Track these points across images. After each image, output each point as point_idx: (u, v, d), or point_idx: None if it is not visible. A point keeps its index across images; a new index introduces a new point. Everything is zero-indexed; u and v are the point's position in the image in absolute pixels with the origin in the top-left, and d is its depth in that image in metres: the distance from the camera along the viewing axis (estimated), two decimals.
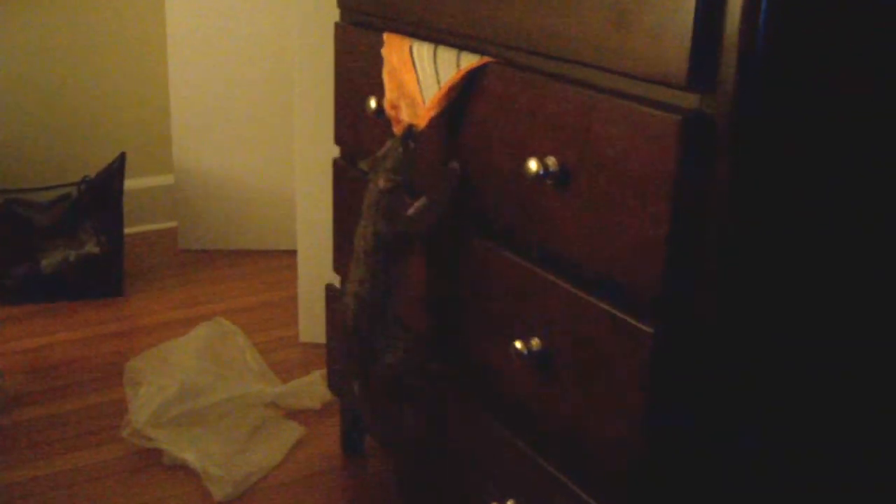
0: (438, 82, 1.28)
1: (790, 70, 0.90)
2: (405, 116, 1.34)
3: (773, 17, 0.86)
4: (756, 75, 0.88)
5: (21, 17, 2.72)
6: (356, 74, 1.51)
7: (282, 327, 2.33)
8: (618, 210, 0.99)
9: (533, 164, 1.07)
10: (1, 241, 2.47)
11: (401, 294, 1.35)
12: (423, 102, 1.31)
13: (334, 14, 1.61)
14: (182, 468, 1.76)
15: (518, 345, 1.15)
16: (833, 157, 0.97)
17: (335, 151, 1.67)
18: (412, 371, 1.40)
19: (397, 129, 1.35)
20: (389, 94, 1.38)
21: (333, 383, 1.80)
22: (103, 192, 2.55)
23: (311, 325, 2.22)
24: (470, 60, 1.22)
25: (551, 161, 1.07)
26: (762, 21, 0.86)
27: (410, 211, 1.30)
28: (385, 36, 1.40)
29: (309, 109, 2.08)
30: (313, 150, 2.08)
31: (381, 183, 1.27)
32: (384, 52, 1.39)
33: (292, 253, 2.43)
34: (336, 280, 1.73)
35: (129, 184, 2.72)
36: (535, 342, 1.14)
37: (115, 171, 2.58)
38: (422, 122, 1.29)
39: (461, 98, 1.25)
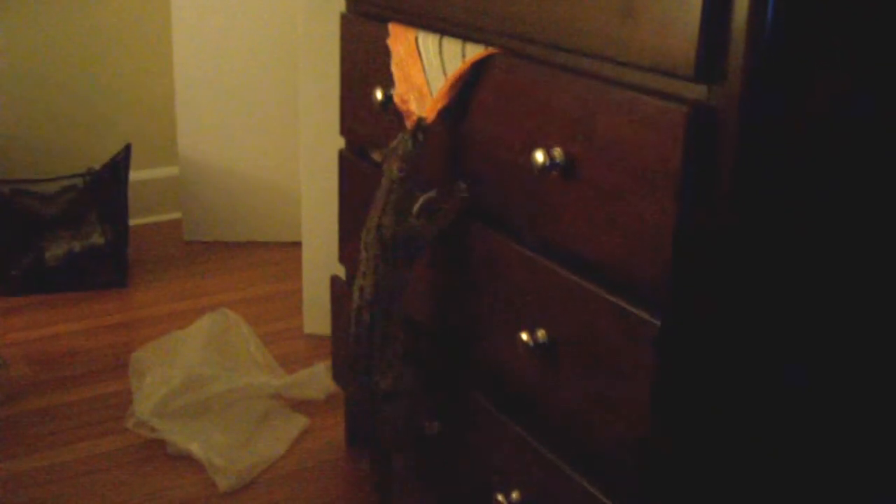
0: (444, 73, 1.28)
1: (798, 62, 0.90)
2: (414, 109, 1.34)
3: (781, 7, 0.86)
4: (764, 67, 0.87)
5: (27, 9, 2.72)
6: (362, 66, 1.51)
7: (286, 318, 2.34)
8: (624, 201, 0.99)
9: (539, 156, 1.07)
10: (6, 231, 2.48)
11: (403, 300, 1.35)
12: (431, 94, 1.30)
13: (340, 5, 1.61)
14: (186, 459, 1.76)
15: (524, 336, 1.14)
16: (841, 151, 0.96)
17: (341, 143, 1.67)
18: (399, 416, 1.39)
19: (409, 123, 1.35)
20: (399, 88, 1.38)
21: (338, 375, 1.80)
22: (108, 184, 2.55)
23: (316, 316, 2.22)
24: (475, 51, 1.22)
25: (557, 152, 1.07)
26: (770, 12, 0.85)
27: (416, 214, 1.30)
28: (390, 27, 1.39)
29: (314, 101, 2.07)
30: (319, 142, 2.08)
31: (395, 172, 1.28)
32: (390, 42, 1.39)
33: (297, 245, 2.43)
34: (341, 271, 1.73)
35: (135, 175, 2.72)
36: (541, 333, 1.14)
37: (121, 162, 2.58)
38: (430, 114, 1.29)
39: (467, 89, 1.25)
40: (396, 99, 1.38)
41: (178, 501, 1.67)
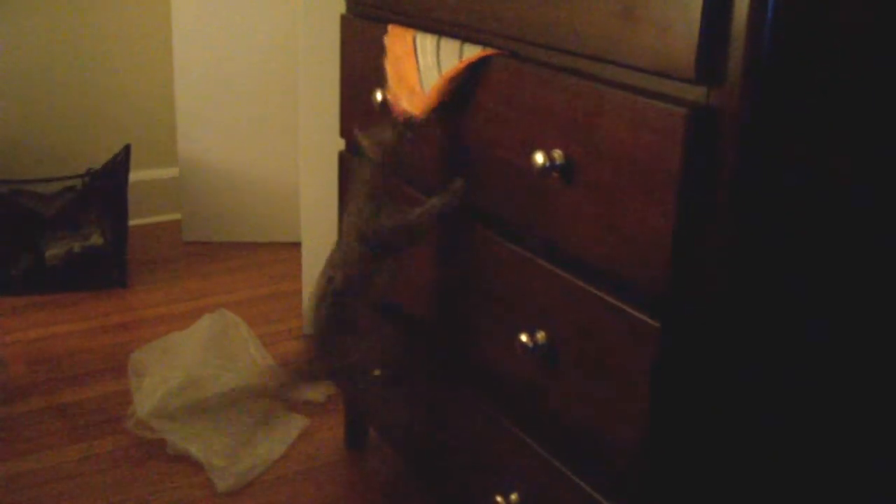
0: (440, 73, 1.28)
1: (798, 63, 0.90)
2: (405, 105, 1.34)
3: (781, 9, 0.86)
4: (764, 68, 0.87)
5: (27, 10, 2.72)
6: (362, 67, 1.51)
7: (286, 319, 2.34)
8: (624, 203, 0.99)
9: (539, 157, 1.07)
10: (6, 232, 2.48)
11: (378, 290, 1.34)
12: (423, 92, 1.30)
13: (340, 6, 1.61)
14: (185, 459, 1.76)
15: (523, 338, 1.14)
16: (841, 151, 0.96)
17: (340, 144, 1.67)
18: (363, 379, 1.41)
19: (400, 119, 1.35)
20: (390, 83, 1.38)
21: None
22: (108, 184, 2.55)
23: None
24: (473, 52, 1.22)
25: (557, 154, 1.07)
26: (770, 13, 0.85)
27: (415, 213, 1.30)
28: (389, 27, 1.40)
29: (314, 102, 2.07)
30: (318, 143, 2.08)
31: (373, 157, 1.27)
32: (387, 40, 1.39)
33: (296, 245, 2.43)
34: None
35: (134, 176, 2.72)
36: (541, 335, 1.14)
37: (120, 163, 2.58)
38: (420, 112, 1.29)
39: (466, 90, 1.25)
40: (388, 96, 1.38)
41: (177, 502, 1.67)
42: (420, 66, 1.32)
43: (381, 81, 1.41)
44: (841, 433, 1.11)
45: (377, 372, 1.52)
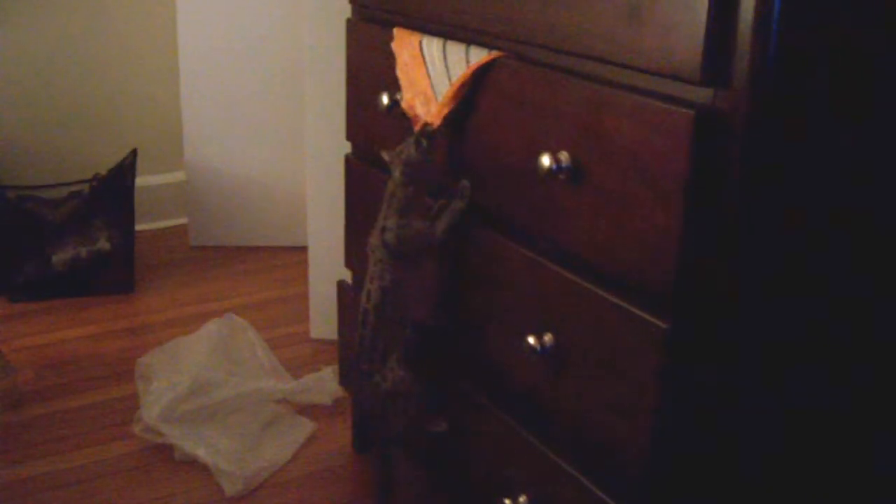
0: (449, 78, 1.28)
1: (804, 65, 0.90)
2: (421, 114, 1.34)
3: (786, 11, 0.86)
4: (770, 70, 0.87)
5: (33, 16, 2.72)
6: (368, 70, 1.51)
7: (293, 323, 2.34)
8: (631, 205, 0.99)
9: (546, 160, 1.07)
10: (13, 237, 2.48)
11: (409, 304, 1.35)
12: (436, 99, 1.30)
13: (345, 10, 1.61)
14: (193, 464, 1.76)
15: (531, 340, 1.14)
16: (847, 152, 0.96)
17: (346, 148, 1.67)
18: (400, 416, 1.40)
19: (416, 128, 1.35)
20: (405, 93, 1.38)
21: (345, 377, 1.80)
22: (115, 189, 2.56)
23: (323, 321, 2.22)
24: (479, 55, 1.22)
25: (564, 156, 1.07)
26: (776, 15, 0.85)
27: (441, 222, 1.30)
28: (395, 31, 1.40)
29: (320, 106, 2.07)
30: (324, 147, 2.08)
31: (398, 176, 1.28)
32: (394, 46, 1.39)
33: (303, 249, 2.43)
34: (347, 276, 1.73)
35: (141, 181, 2.72)
36: (548, 338, 1.14)
37: (127, 168, 2.58)
38: (436, 119, 1.29)
39: (472, 93, 1.25)
40: (403, 104, 1.38)
41: None
42: (430, 72, 1.32)
43: (391, 87, 1.41)
44: (847, 435, 1.11)
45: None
